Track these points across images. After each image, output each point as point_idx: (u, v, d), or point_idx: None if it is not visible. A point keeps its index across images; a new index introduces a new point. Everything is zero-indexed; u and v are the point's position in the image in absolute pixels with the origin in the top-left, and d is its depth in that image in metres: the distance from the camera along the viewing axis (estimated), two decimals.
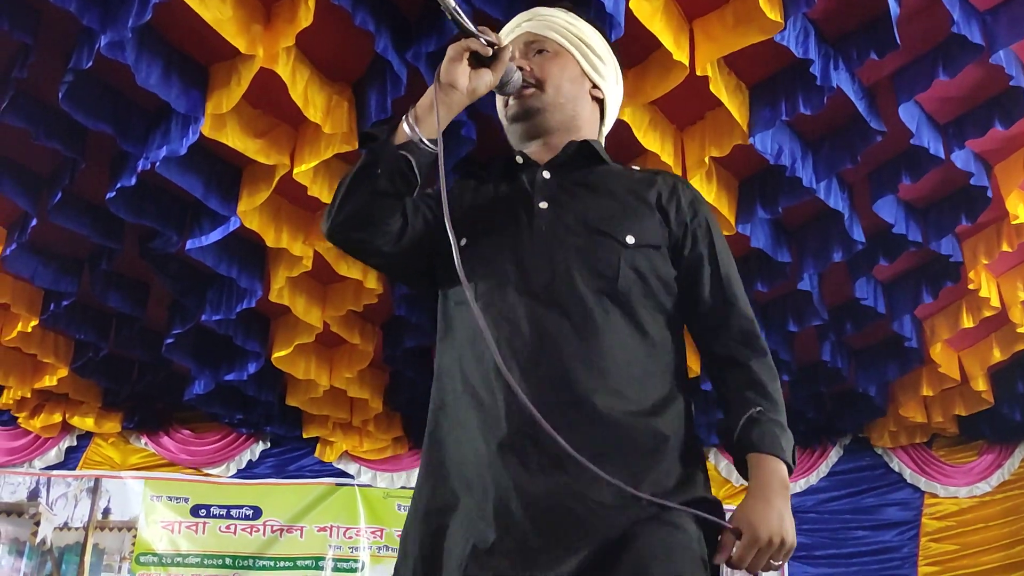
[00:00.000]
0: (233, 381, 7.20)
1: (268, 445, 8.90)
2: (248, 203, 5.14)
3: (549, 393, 1.80)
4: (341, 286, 6.36)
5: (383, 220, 1.99)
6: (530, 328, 1.88)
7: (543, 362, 1.85)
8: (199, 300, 6.23)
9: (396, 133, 1.97)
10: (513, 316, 1.90)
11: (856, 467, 9.27)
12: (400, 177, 1.95)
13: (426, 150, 1.95)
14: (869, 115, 4.85)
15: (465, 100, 1.98)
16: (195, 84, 4.52)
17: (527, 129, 2.17)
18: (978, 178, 5.36)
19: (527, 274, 1.94)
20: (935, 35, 4.57)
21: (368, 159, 1.96)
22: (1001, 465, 9.03)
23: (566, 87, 2.17)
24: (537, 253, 1.96)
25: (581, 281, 1.92)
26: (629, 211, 2.04)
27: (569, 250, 1.96)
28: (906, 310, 6.62)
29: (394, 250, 2.04)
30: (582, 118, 2.21)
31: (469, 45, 1.96)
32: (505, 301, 1.92)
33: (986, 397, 7.74)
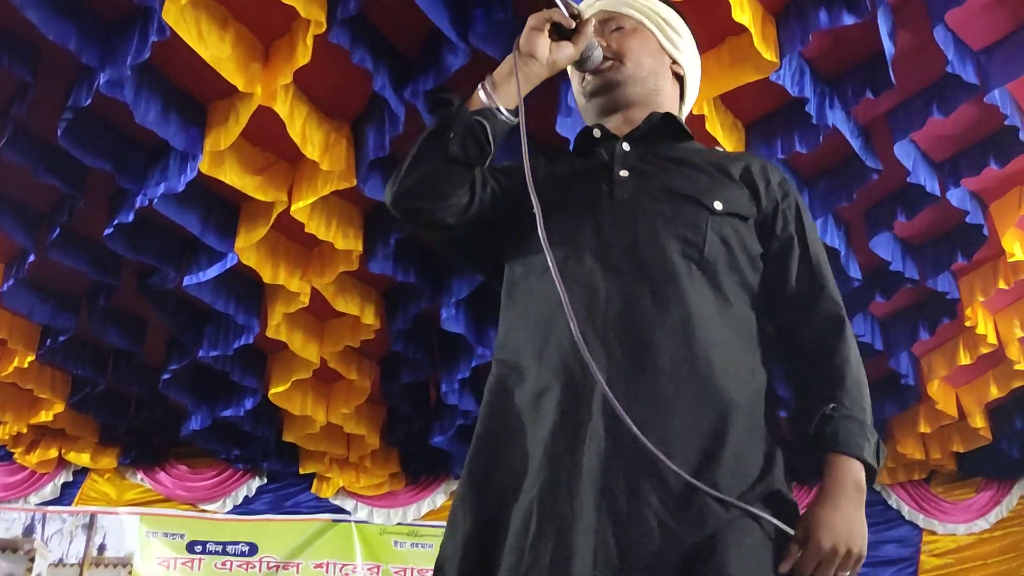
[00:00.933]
0: (230, 417, 7.19)
1: (264, 481, 8.87)
2: (246, 239, 5.15)
3: (630, 362, 1.71)
4: (338, 322, 6.36)
5: (451, 190, 1.91)
6: (608, 294, 1.77)
7: (623, 327, 1.74)
8: (196, 336, 6.23)
9: (471, 100, 1.90)
10: (591, 282, 1.79)
11: None
12: (473, 143, 1.86)
13: (501, 118, 1.88)
14: (865, 153, 4.87)
15: (544, 72, 1.92)
16: (193, 121, 4.54)
17: (606, 103, 2.10)
18: (974, 216, 5.38)
19: (607, 242, 1.84)
20: (930, 74, 4.60)
21: (441, 123, 1.87)
22: (1000, 502, 9.02)
23: (647, 61, 2.11)
24: (618, 221, 1.87)
25: (667, 246, 1.82)
26: (716, 181, 1.95)
27: (653, 216, 1.86)
28: (903, 347, 6.62)
29: (459, 222, 1.95)
30: (663, 93, 2.13)
31: (551, 15, 1.91)
32: (582, 268, 1.82)
33: (984, 434, 7.74)
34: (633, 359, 1.71)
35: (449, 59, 4.12)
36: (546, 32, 1.91)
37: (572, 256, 1.84)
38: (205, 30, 4.03)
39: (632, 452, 1.64)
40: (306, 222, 5.01)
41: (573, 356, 1.72)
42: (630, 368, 1.70)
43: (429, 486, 9.03)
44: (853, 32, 4.23)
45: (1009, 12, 4.41)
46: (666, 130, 2.06)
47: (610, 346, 1.72)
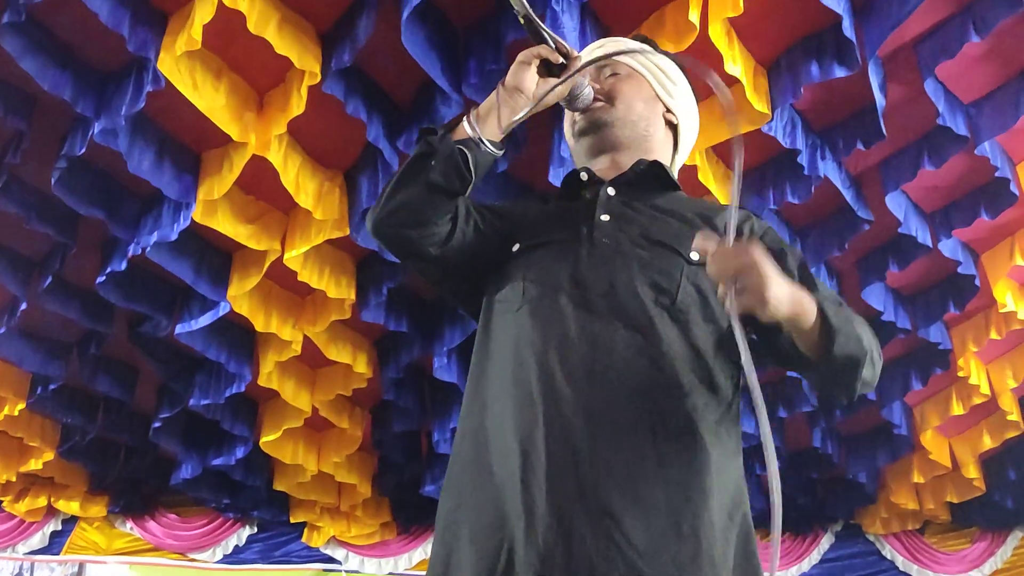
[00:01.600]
0: (220, 465, 7.15)
1: (255, 530, 8.81)
2: (238, 288, 5.16)
3: (597, 405, 1.69)
4: (330, 370, 6.34)
5: (432, 217, 1.90)
6: (580, 338, 1.76)
7: (591, 370, 1.72)
8: (188, 384, 6.22)
9: (455, 130, 1.91)
10: (563, 324, 1.78)
11: (848, 554, 9.20)
12: (455, 172, 1.86)
13: (484, 150, 1.89)
14: (856, 204, 4.89)
15: (530, 107, 1.92)
16: (187, 170, 4.56)
17: (595, 143, 2.10)
18: (965, 267, 5.40)
19: (583, 285, 1.83)
20: (921, 126, 4.62)
21: (423, 150, 1.88)
22: (994, 553, 8.97)
23: (638, 105, 2.10)
24: (595, 265, 1.85)
25: (641, 292, 1.81)
26: (695, 229, 1.89)
27: (630, 261, 1.85)
28: (896, 397, 6.61)
29: (439, 253, 1.94)
30: (655, 139, 2.12)
31: (540, 52, 1.91)
32: (555, 308, 1.81)
33: (978, 484, 7.72)
34: (599, 402, 1.69)
35: (442, 109, 4.13)
36: (533, 67, 1.92)
37: (547, 296, 1.84)
38: (200, 80, 4.04)
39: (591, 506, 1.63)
40: (299, 271, 5.01)
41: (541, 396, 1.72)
42: (594, 411, 1.68)
43: (421, 535, 8.98)
44: (844, 84, 4.26)
45: (998, 65, 4.44)
46: (652, 178, 2.06)
47: (579, 387, 1.71)
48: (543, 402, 1.71)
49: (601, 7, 4.04)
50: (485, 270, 2.00)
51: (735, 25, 4.05)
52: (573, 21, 3.79)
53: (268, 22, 3.84)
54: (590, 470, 1.64)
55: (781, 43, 4.26)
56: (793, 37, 4.22)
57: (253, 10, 3.77)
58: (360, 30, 3.89)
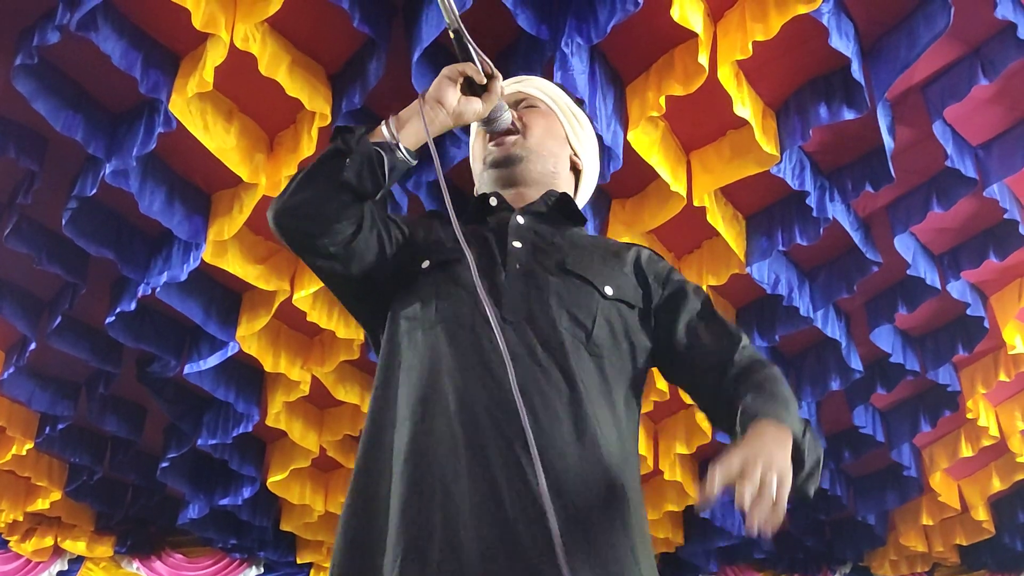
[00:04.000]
0: (227, 505, 7.14)
1: (262, 570, 8.78)
2: (247, 328, 5.17)
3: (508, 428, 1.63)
4: (338, 410, 6.34)
5: (337, 216, 1.82)
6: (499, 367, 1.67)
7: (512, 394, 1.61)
8: (195, 424, 6.21)
9: (373, 133, 1.85)
10: (482, 351, 1.72)
11: None
12: (369, 173, 1.80)
13: (399, 156, 1.84)
14: (865, 246, 4.90)
15: (449, 122, 1.89)
16: (197, 211, 4.58)
17: (505, 176, 2.07)
18: (974, 308, 5.39)
19: (500, 305, 1.78)
20: (929, 168, 4.64)
21: (339, 147, 1.81)
22: None
23: (550, 143, 2.10)
24: (511, 289, 1.82)
25: (559, 323, 1.77)
26: (607, 266, 1.92)
27: (546, 289, 1.82)
28: (905, 439, 6.59)
29: (340, 253, 1.85)
30: (560, 178, 2.12)
31: (465, 69, 1.89)
32: (473, 332, 1.75)
33: (987, 527, 7.67)
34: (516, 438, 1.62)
35: (452, 151, 4.16)
36: (458, 84, 1.89)
37: (463, 318, 1.78)
38: (211, 121, 4.08)
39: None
40: (308, 311, 5.02)
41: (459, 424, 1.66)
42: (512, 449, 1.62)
43: None
44: (853, 127, 4.28)
45: (1007, 108, 4.46)
46: (561, 210, 2.06)
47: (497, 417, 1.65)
48: (463, 430, 1.65)
49: (610, 49, 4.07)
50: (388, 282, 1.92)
51: (744, 67, 4.08)
52: (583, 63, 3.81)
53: (279, 64, 3.87)
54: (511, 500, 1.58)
55: (790, 85, 4.29)
56: (802, 79, 4.24)
57: (264, 52, 3.80)
58: (370, 71, 3.92)
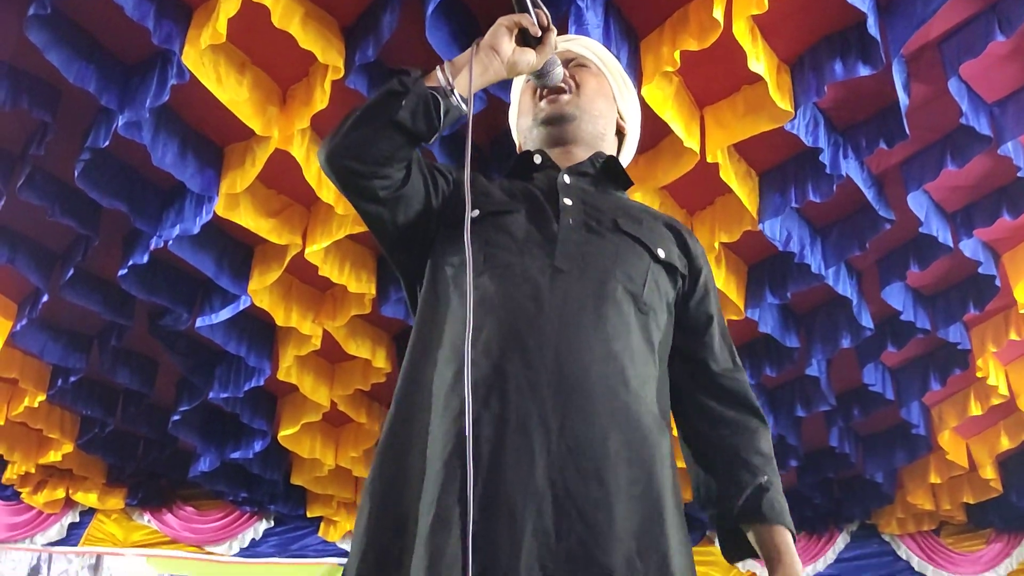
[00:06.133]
0: (238, 459, 7.18)
1: (272, 524, 8.84)
2: (259, 282, 5.18)
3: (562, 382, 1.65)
4: (349, 365, 6.36)
5: (390, 158, 1.82)
6: (550, 311, 1.71)
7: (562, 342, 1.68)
8: (207, 377, 6.24)
9: (428, 77, 1.85)
10: (534, 295, 1.73)
11: (863, 554, 9.18)
12: (424, 115, 1.80)
13: (454, 101, 1.84)
14: (878, 203, 4.88)
15: (503, 71, 1.89)
16: (210, 164, 4.57)
17: (556, 134, 2.08)
18: (986, 267, 5.38)
19: (553, 254, 1.80)
20: (944, 126, 4.62)
21: (395, 88, 1.80)
22: (1009, 554, 8.93)
23: (600, 103, 2.12)
24: (565, 239, 1.83)
25: (612, 281, 1.79)
26: (656, 231, 1.96)
27: (601, 244, 1.85)
28: (914, 397, 6.60)
29: (389, 198, 1.86)
30: (607, 140, 2.14)
31: (521, 21, 1.89)
32: (524, 277, 1.76)
33: (994, 485, 7.70)
34: (565, 379, 1.66)
35: None
36: (513, 34, 1.90)
37: (514, 264, 1.80)
38: (224, 73, 4.06)
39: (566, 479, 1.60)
40: (320, 265, 5.03)
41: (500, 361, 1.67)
42: (563, 387, 1.65)
43: None
44: (868, 83, 4.26)
45: (1022, 64, 4.43)
46: (608, 172, 2.08)
47: (546, 358, 1.67)
48: (508, 369, 1.66)
49: (625, 4, 4.05)
50: (432, 232, 1.94)
51: (759, 23, 4.06)
52: (597, 18, 3.79)
53: (292, 16, 3.86)
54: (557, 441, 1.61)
55: (805, 41, 4.26)
56: (817, 35, 4.21)
57: (278, 4, 3.79)
58: (384, 25, 3.90)
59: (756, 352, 6.18)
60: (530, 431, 1.61)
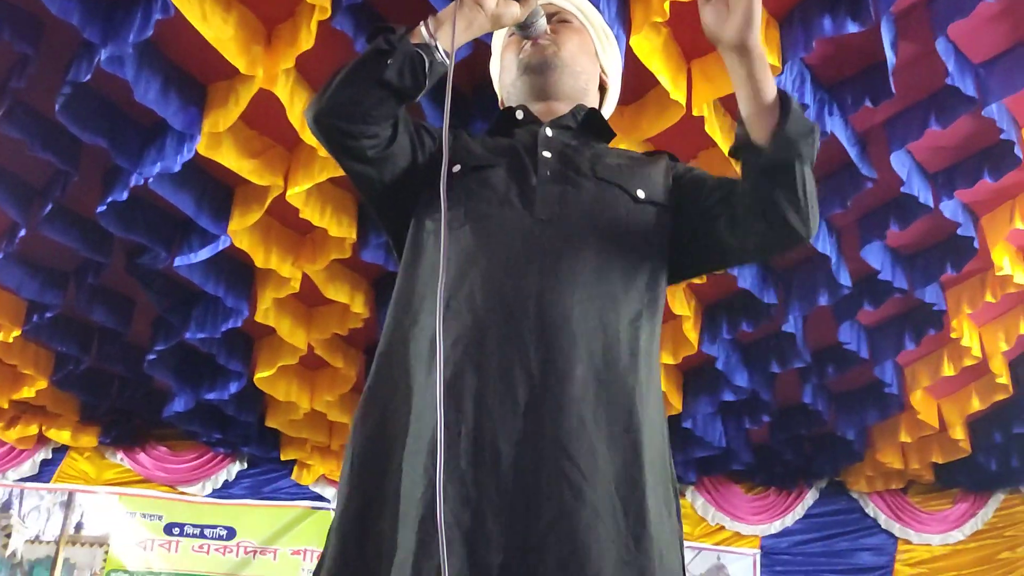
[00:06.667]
0: (213, 400, 7.17)
1: (245, 466, 8.84)
2: (239, 223, 5.15)
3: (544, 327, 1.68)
4: (327, 309, 6.36)
5: (377, 117, 1.85)
6: (530, 256, 1.75)
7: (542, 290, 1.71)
8: (184, 317, 6.21)
9: (412, 33, 1.88)
10: (511, 244, 1.77)
11: (831, 511, 9.28)
12: (410, 72, 1.83)
13: (439, 58, 1.86)
14: (861, 161, 4.89)
15: (487, 24, 1.92)
16: (193, 102, 4.53)
17: (539, 84, 2.09)
18: (965, 228, 5.41)
19: (532, 206, 1.82)
20: (929, 86, 4.62)
21: (380, 46, 1.83)
22: (975, 514, 9.06)
23: (582, 58, 2.12)
24: (543, 191, 1.85)
25: (591, 226, 1.82)
26: (637, 173, 1.95)
27: (579, 192, 1.86)
28: (888, 356, 6.66)
29: (377, 156, 1.89)
30: (590, 95, 2.15)
31: None
32: (502, 229, 1.80)
33: (963, 446, 7.78)
34: (547, 328, 1.68)
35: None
36: None
37: (492, 216, 1.82)
38: (209, 10, 4.02)
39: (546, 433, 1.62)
40: (301, 208, 5.00)
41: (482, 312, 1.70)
42: (543, 336, 1.68)
43: None
44: (856, 40, 4.26)
45: (1011, 26, 4.43)
46: (590, 125, 2.08)
47: (525, 307, 1.70)
48: (489, 320, 1.69)
49: None
50: (418, 189, 1.95)
51: None
52: None
53: None
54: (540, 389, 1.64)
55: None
56: None
57: None
58: None
59: (733, 307, 6.20)
60: (513, 381, 1.64)
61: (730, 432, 7.82)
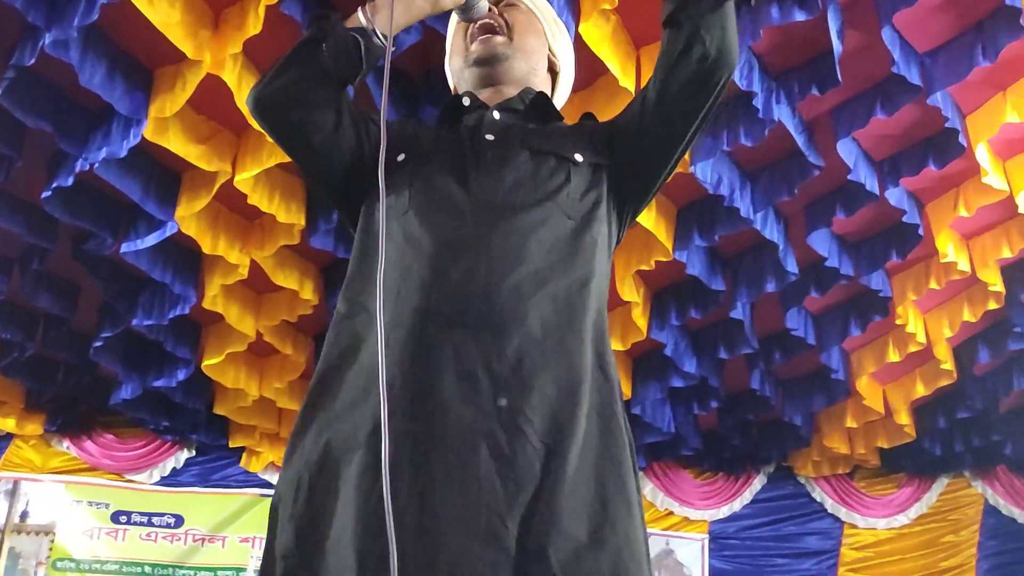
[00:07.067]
0: (161, 387, 7.11)
1: (193, 453, 8.77)
2: (187, 208, 5.11)
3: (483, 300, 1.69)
4: (276, 296, 6.32)
5: (318, 102, 1.88)
6: (478, 229, 1.76)
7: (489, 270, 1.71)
8: (131, 304, 6.15)
9: (350, 19, 1.92)
10: (453, 229, 1.77)
11: (779, 495, 9.36)
12: (346, 57, 1.87)
13: (376, 42, 1.89)
14: (808, 149, 4.93)
15: (427, 8, 1.94)
16: (139, 87, 4.49)
17: (487, 74, 2.09)
18: (910, 216, 5.47)
19: (473, 190, 1.83)
20: (875, 74, 4.67)
21: (315, 34, 1.89)
22: (920, 498, 9.19)
23: (531, 40, 2.12)
24: (484, 175, 1.85)
25: (531, 198, 1.82)
26: (578, 140, 1.97)
27: (518, 166, 1.87)
28: (834, 342, 6.72)
29: (322, 143, 1.91)
30: (539, 78, 2.15)
31: None
32: (443, 214, 1.81)
33: (908, 431, 7.88)
34: (494, 306, 1.69)
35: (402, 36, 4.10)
36: None
37: (434, 202, 1.83)
38: None
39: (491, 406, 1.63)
40: (249, 193, 4.97)
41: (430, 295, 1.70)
42: (492, 315, 1.68)
43: None
44: (802, 29, 4.29)
45: (955, 15, 4.48)
46: (538, 108, 2.08)
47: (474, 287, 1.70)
48: (434, 303, 1.70)
49: None
50: (366, 177, 1.93)
51: None
52: None
53: None
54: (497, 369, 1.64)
55: None
56: None
57: None
58: None
59: (682, 294, 6.24)
60: (470, 370, 1.64)
61: (679, 418, 7.86)
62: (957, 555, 9.07)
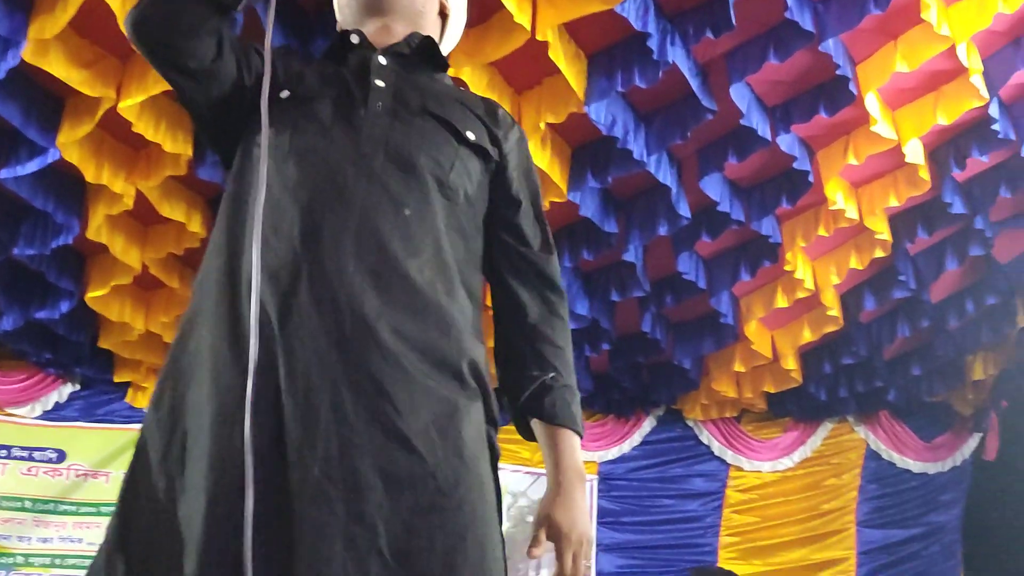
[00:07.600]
0: (43, 319, 6.95)
1: (77, 387, 8.59)
2: (69, 135, 4.97)
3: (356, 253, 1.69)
4: (163, 228, 6.18)
5: (196, 27, 1.78)
6: (351, 197, 1.72)
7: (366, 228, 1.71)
8: (12, 233, 5.97)
9: None
10: (333, 180, 1.74)
11: (667, 437, 9.47)
12: None
13: None
14: (702, 93, 4.95)
15: None
16: (17, 7, 4.33)
17: (372, 2, 2.05)
18: (801, 162, 5.53)
19: (358, 140, 1.79)
20: (769, 19, 4.69)
21: None
22: (804, 442, 9.38)
23: None
24: (372, 124, 1.82)
25: (418, 162, 1.80)
26: (466, 114, 1.96)
27: (409, 128, 1.84)
28: (724, 287, 6.80)
29: (200, 70, 1.83)
30: (428, 19, 2.11)
31: None
32: (326, 162, 1.76)
33: (795, 376, 8.02)
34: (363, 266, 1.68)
35: None
36: None
37: (317, 149, 1.80)
38: None
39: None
40: (134, 121, 4.84)
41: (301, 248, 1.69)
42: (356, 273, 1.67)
43: None
44: None
45: None
46: (425, 54, 2.05)
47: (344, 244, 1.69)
48: (306, 254, 1.68)
49: None
50: (244, 110, 1.88)
51: None
52: None
53: None
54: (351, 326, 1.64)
55: None
56: None
57: None
58: None
59: (575, 235, 6.24)
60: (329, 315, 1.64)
61: None
62: (838, 498, 9.29)
